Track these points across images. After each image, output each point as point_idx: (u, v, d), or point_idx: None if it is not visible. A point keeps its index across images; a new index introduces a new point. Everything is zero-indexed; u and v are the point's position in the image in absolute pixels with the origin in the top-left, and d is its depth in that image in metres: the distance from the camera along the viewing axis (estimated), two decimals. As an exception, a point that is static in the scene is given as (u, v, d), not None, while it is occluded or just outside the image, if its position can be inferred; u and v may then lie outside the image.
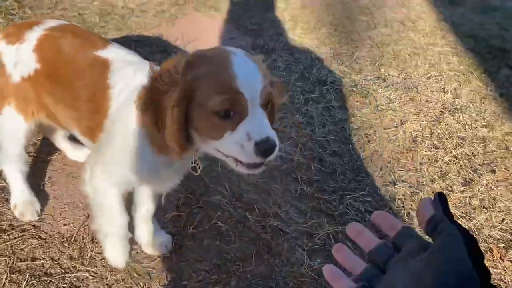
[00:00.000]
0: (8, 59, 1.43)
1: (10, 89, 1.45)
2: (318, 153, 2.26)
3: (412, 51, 3.35)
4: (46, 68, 1.39)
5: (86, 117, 1.37)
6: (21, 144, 1.57)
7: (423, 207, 0.60)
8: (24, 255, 1.56)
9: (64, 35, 1.40)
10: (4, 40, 1.45)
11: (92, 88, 1.33)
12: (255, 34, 3.17)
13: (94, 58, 1.37)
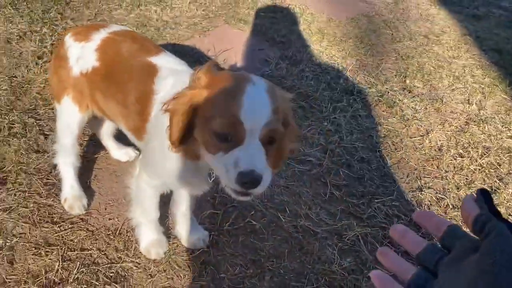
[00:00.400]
0: (73, 54, 1.58)
1: (70, 81, 1.60)
2: (346, 159, 2.34)
3: (436, 63, 3.42)
4: (103, 67, 1.52)
5: (132, 116, 1.49)
6: (75, 134, 1.71)
7: (467, 205, 0.56)
8: (73, 246, 1.68)
9: (124, 40, 1.54)
10: (73, 37, 1.60)
11: (140, 90, 1.44)
12: (283, 45, 3.28)
13: (145, 63, 1.48)
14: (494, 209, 0.54)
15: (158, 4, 3.50)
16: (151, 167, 1.48)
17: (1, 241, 1.62)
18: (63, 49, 1.61)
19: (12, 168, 1.91)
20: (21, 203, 1.77)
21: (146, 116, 1.41)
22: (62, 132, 1.72)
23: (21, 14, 3.00)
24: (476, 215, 0.54)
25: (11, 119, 2.14)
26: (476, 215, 0.54)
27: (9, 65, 2.53)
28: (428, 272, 0.57)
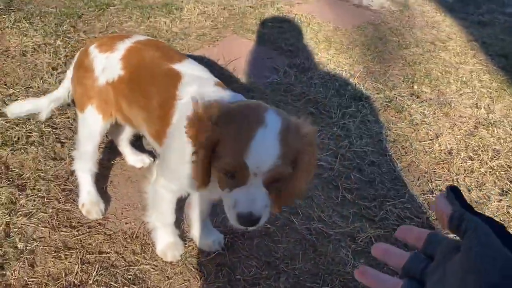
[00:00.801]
0: (98, 64, 1.63)
1: (95, 91, 1.64)
2: (357, 163, 2.36)
3: (443, 69, 3.45)
4: (128, 75, 1.57)
5: (154, 121, 1.52)
6: (96, 142, 1.76)
7: (439, 204, 0.56)
8: (92, 249, 1.71)
9: (147, 48, 1.59)
10: (98, 49, 1.65)
11: (163, 95, 1.48)
12: (291, 54, 3.33)
13: (169, 69, 1.52)
14: (466, 204, 0.54)
15: (167, 16, 3.58)
16: (169, 172, 1.52)
17: (22, 245, 1.66)
18: (88, 60, 1.66)
19: (31, 175, 1.95)
20: (40, 208, 1.82)
21: (167, 121, 1.44)
22: (84, 139, 1.76)
23: (35, 27, 3.08)
24: (450, 214, 0.53)
25: (29, 128, 2.19)
26: (450, 214, 0.53)
27: (24, 77, 2.59)
28: (416, 282, 0.57)
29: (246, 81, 2.92)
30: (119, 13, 3.52)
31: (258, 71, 3.08)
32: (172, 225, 1.70)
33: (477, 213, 0.52)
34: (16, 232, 1.71)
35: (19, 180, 1.92)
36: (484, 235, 0.49)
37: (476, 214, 0.52)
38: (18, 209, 1.80)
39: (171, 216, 1.66)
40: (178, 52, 1.67)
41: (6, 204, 1.80)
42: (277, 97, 2.81)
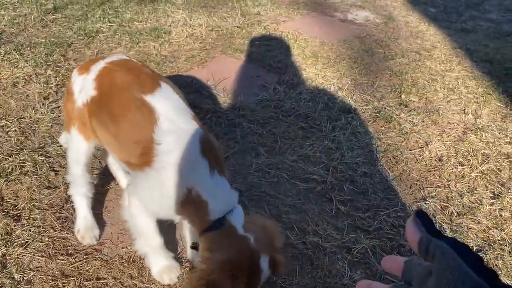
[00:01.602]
0: (76, 87, 1.67)
1: (75, 113, 1.68)
2: (349, 175, 2.39)
3: (430, 77, 3.51)
4: (99, 96, 1.60)
5: (127, 154, 1.53)
6: (82, 163, 1.77)
7: (409, 231, 0.57)
8: (89, 275, 1.72)
9: (119, 69, 1.60)
10: (77, 71, 1.71)
11: (138, 133, 1.48)
12: (280, 71, 3.39)
13: (142, 103, 1.49)
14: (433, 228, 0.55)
15: (156, 40, 3.64)
16: (145, 201, 1.55)
17: (19, 275, 1.67)
18: (70, 83, 1.72)
19: (26, 205, 1.97)
20: (36, 237, 1.83)
21: (146, 161, 1.45)
22: (72, 161, 1.79)
23: (25, 58, 3.13)
24: (418, 239, 0.55)
25: (22, 158, 2.21)
26: (418, 239, 0.55)
27: (16, 108, 2.62)
28: None
29: (236, 100, 2.96)
30: (108, 39, 3.58)
31: (248, 89, 3.12)
32: (162, 247, 1.70)
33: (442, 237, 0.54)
34: (13, 263, 1.72)
35: (14, 211, 1.94)
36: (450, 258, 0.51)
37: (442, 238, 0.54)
38: (14, 240, 1.81)
39: (156, 237, 1.67)
40: (150, 74, 1.61)
41: (2, 235, 1.81)
42: (267, 114, 2.84)
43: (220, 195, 1.43)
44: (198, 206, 1.41)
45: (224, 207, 1.42)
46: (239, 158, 2.45)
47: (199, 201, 1.40)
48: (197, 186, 1.40)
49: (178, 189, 1.41)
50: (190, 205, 1.41)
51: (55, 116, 2.57)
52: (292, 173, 2.38)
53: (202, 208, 1.40)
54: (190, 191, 1.40)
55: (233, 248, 1.36)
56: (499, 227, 2.14)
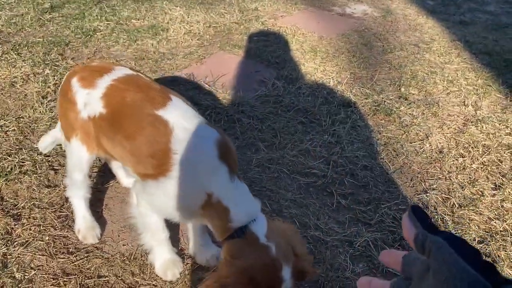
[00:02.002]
0: (80, 99, 1.63)
1: (78, 124, 1.65)
2: (350, 169, 2.38)
3: (429, 70, 3.50)
4: (109, 115, 1.57)
5: (145, 167, 1.51)
6: (84, 171, 1.76)
7: (405, 226, 0.58)
8: (90, 273, 1.71)
9: (128, 88, 1.57)
10: (79, 83, 1.65)
11: (153, 147, 1.47)
12: (278, 66, 3.38)
13: (155, 118, 1.49)
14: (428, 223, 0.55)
15: (154, 38, 3.62)
16: (156, 205, 1.56)
17: (20, 274, 1.66)
18: (71, 93, 1.66)
19: (26, 204, 1.96)
20: (36, 236, 1.82)
21: (163, 172, 1.45)
22: (72, 168, 1.77)
23: (23, 58, 3.12)
24: (414, 235, 0.55)
25: (21, 157, 2.20)
26: (414, 235, 0.55)
27: (15, 107, 2.62)
28: None
29: (235, 96, 2.95)
30: (106, 38, 3.56)
31: (247, 85, 3.11)
32: (167, 241, 1.70)
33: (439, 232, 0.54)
34: (14, 262, 1.71)
35: (14, 210, 1.93)
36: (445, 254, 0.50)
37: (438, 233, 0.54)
38: (14, 239, 1.80)
39: (163, 232, 1.68)
40: (158, 90, 1.60)
41: (2, 235, 1.80)
42: (266, 109, 2.83)
43: (241, 202, 1.41)
44: (219, 212, 1.40)
45: (247, 215, 1.39)
46: (239, 153, 2.44)
47: (220, 207, 1.40)
48: (217, 191, 1.39)
49: (197, 194, 1.41)
50: (211, 209, 1.41)
51: (54, 115, 2.56)
52: (292, 167, 2.37)
53: (223, 214, 1.39)
54: (210, 197, 1.40)
55: (253, 256, 1.34)
56: (501, 218, 2.13)
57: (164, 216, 1.62)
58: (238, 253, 1.35)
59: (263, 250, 1.33)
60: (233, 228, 1.39)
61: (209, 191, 1.40)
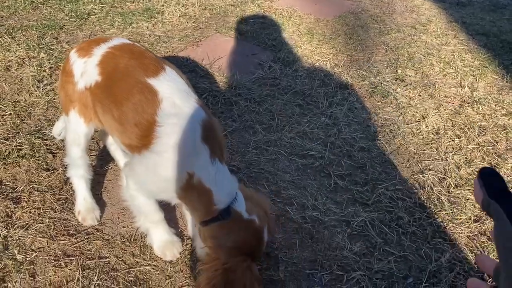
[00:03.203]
0: (77, 69, 1.64)
1: (75, 95, 1.65)
2: (347, 150, 2.40)
3: (426, 52, 3.50)
4: (103, 82, 1.58)
5: (129, 136, 1.51)
6: (82, 146, 1.76)
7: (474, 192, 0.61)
8: (91, 255, 1.73)
9: (122, 55, 1.58)
10: (77, 53, 1.67)
11: (140, 115, 1.46)
12: (275, 48, 3.36)
13: (145, 85, 1.47)
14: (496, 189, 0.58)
15: (149, 21, 3.59)
16: (142, 183, 1.56)
17: (21, 256, 1.68)
18: (69, 65, 1.67)
19: (25, 187, 1.96)
20: (36, 219, 1.83)
21: (145, 143, 1.45)
22: (70, 144, 1.78)
23: (17, 42, 3.08)
24: (481, 201, 0.59)
25: (19, 141, 2.20)
26: (481, 201, 0.59)
27: (11, 91, 2.60)
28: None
29: (231, 79, 2.94)
30: (100, 21, 3.53)
31: (243, 68, 3.10)
32: (163, 222, 1.72)
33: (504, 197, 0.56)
34: (15, 245, 1.72)
35: (14, 193, 1.93)
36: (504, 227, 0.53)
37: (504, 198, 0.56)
38: (14, 222, 1.81)
39: (157, 213, 1.69)
40: (153, 58, 1.60)
41: (2, 218, 1.81)
42: (264, 92, 2.83)
43: (223, 184, 1.44)
44: (201, 194, 1.41)
45: (228, 196, 1.44)
46: (237, 136, 2.45)
47: (203, 189, 1.41)
48: (198, 172, 1.40)
49: (178, 172, 1.41)
50: (192, 191, 1.42)
51: (50, 99, 2.55)
52: (290, 149, 2.38)
53: (206, 196, 1.41)
54: (191, 176, 1.41)
55: (243, 233, 1.43)
56: (496, 197, 2.16)
57: (150, 196, 1.62)
58: (225, 233, 1.41)
59: (250, 225, 1.43)
60: (218, 210, 1.42)
61: (190, 170, 1.41)
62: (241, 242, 1.39)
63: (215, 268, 1.35)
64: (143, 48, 1.67)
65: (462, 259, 1.83)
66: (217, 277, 1.36)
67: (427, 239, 1.91)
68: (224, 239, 1.41)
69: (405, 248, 1.87)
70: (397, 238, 1.91)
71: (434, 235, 1.94)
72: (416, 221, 2.00)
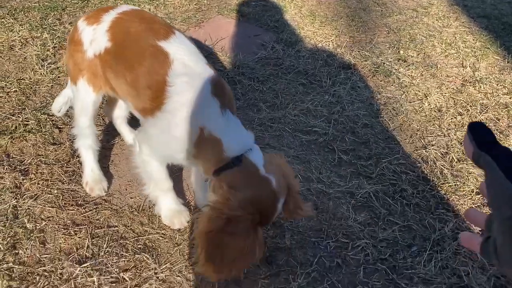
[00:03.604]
0: (86, 37, 1.65)
1: (85, 64, 1.67)
2: (351, 127, 2.42)
3: (427, 33, 3.51)
4: (114, 48, 1.59)
5: (142, 99, 1.54)
6: (90, 115, 1.78)
7: (464, 146, 0.62)
8: (100, 224, 1.75)
9: (132, 19, 1.60)
10: (85, 21, 1.68)
11: (151, 77, 1.48)
12: (277, 29, 3.36)
13: (156, 48, 1.50)
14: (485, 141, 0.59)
15: (151, 3, 3.58)
16: (153, 144, 1.57)
17: (31, 225, 1.70)
18: (77, 33, 1.68)
19: (32, 160, 1.98)
20: (45, 190, 1.85)
21: (158, 104, 1.47)
22: (79, 113, 1.79)
23: (20, 22, 3.08)
24: (472, 154, 0.60)
25: (25, 117, 2.21)
26: (472, 154, 0.60)
27: (15, 70, 2.61)
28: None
29: (235, 59, 2.95)
30: (102, 3, 3.52)
31: (246, 49, 3.11)
32: (172, 191, 1.74)
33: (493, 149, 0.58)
34: (24, 214, 1.74)
35: (21, 166, 1.95)
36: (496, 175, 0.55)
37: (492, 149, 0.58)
38: (23, 193, 1.83)
39: (167, 181, 1.71)
40: (163, 23, 1.63)
41: (11, 188, 1.83)
42: (267, 72, 2.84)
43: (234, 133, 1.43)
44: (212, 144, 1.41)
45: (240, 145, 1.41)
46: (241, 113, 2.46)
47: (212, 139, 1.40)
48: (208, 124, 1.41)
49: (191, 129, 1.42)
50: (203, 144, 1.42)
51: (54, 77, 2.56)
52: (294, 126, 2.40)
53: (216, 145, 1.40)
54: (202, 130, 1.41)
55: (257, 189, 1.36)
56: (498, 171, 2.18)
57: (164, 159, 1.62)
58: (238, 183, 1.36)
59: (265, 183, 1.36)
60: (229, 157, 1.39)
61: (202, 125, 1.41)
62: (252, 195, 1.32)
63: (218, 214, 1.30)
64: (152, 14, 1.68)
65: (465, 229, 1.86)
66: (217, 223, 1.29)
67: (431, 210, 1.94)
68: (234, 188, 1.34)
69: (409, 219, 1.89)
70: (401, 209, 1.94)
71: (438, 206, 1.97)
72: (419, 193, 2.02)
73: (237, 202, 1.30)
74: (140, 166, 1.66)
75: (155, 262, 1.62)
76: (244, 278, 1.59)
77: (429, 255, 1.74)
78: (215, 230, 1.30)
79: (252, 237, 1.34)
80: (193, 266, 1.54)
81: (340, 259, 1.71)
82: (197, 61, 1.51)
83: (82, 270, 1.56)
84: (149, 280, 1.56)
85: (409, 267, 1.69)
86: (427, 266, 1.70)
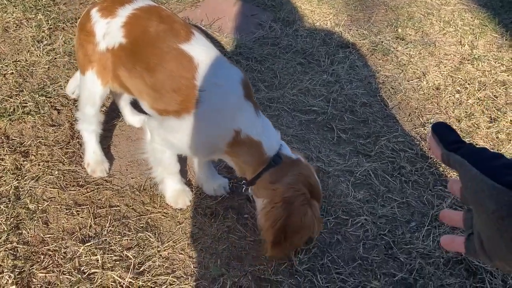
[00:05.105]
0: (99, 29, 1.62)
1: (95, 56, 1.64)
2: (349, 106, 2.42)
3: (426, 11, 3.48)
4: (130, 45, 1.55)
5: (166, 102, 1.51)
6: (97, 106, 1.78)
7: (431, 149, 0.62)
8: (102, 204, 1.77)
9: (150, 18, 1.55)
10: (99, 13, 1.64)
11: (177, 81, 1.47)
12: (275, 9, 3.33)
13: (179, 52, 1.48)
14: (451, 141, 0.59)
15: (146, -18, 3.53)
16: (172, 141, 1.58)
17: (34, 205, 1.71)
18: (90, 24, 1.64)
19: (32, 142, 1.98)
20: (46, 171, 1.86)
21: (187, 107, 1.47)
22: (85, 102, 1.78)
23: (13, 4, 3.03)
24: (440, 155, 0.60)
25: (23, 99, 2.20)
26: (440, 155, 0.60)
27: (10, 52, 2.58)
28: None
29: (232, 39, 2.93)
30: (97, -17, 3.47)
31: (244, 28, 3.08)
32: (178, 174, 1.75)
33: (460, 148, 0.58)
34: (26, 195, 1.75)
35: (21, 148, 1.95)
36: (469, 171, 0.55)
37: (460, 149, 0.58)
38: (24, 174, 1.83)
39: (175, 166, 1.73)
40: (181, 23, 1.58)
41: (12, 170, 1.83)
42: (265, 51, 2.83)
43: (269, 133, 1.51)
44: (251, 147, 1.47)
45: (277, 144, 1.51)
46: (239, 93, 2.46)
47: (252, 142, 1.46)
48: (245, 127, 1.45)
49: (224, 131, 1.46)
50: (241, 146, 1.47)
51: (51, 58, 2.54)
52: (293, 106, 2.40)
53: (257, 148, 1.47)
54: (238, 133, 1.45)
55: (299, 170, 1.48)
56: (496, 148, 2.20)
57: (179, 152, 1.66)
58: (282, 174, 1.46)
59: (304, 164, 1.51)
60: (270, 157, 1.48)
61: (237, 128, 1.45)
62: (297, 175, 1.44)
63: (274, 202, 1.39)
64: (169, 11, 1.65)
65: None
66: (275, 213, 1.40)
67: (429, 187, 1.97)
68: (278, 180, 1.44)
69: (407, 195, 1.92)
70: (400, 186, 1.96)
71: (436, 183, 1.99)
72: (418, 171, 2.04)
73: (286, 186, 1.40)
74: (150, 152, 1.67)
75: (158, 240, 1.64)
76: (246, 254, 1.61)
77: (427, 231, 1.77)
78: (276, 220, 1.39)
79: (310, 212, 1.42)
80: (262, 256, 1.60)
81: (340, 235, 1.73)
82: (221, 62, 1.52)
83: (86, 249, 1.58)
84: (152, 258, 1.58)
85: (408, 242, 1.72)
86: (426, 241, 1.73)
